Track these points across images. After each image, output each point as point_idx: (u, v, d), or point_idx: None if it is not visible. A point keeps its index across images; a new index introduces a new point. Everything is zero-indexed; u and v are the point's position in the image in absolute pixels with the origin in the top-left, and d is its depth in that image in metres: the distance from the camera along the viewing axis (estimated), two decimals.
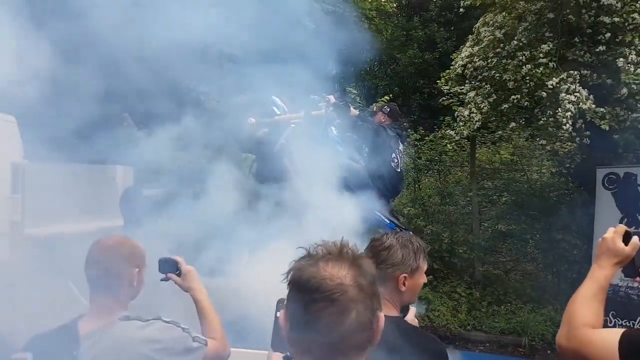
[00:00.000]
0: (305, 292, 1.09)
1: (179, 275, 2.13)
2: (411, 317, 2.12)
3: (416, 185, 9.72)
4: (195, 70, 5.02)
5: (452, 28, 14.16)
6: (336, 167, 5.31)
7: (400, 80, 14.52)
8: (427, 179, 10.24)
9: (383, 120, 5.67)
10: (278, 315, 2.11)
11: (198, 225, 4.61)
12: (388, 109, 5.76)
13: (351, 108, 5.88)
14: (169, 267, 2.13)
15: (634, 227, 6.70)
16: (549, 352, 7.34)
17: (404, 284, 2.07)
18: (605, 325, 1.69)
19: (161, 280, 2.12)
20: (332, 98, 5.34)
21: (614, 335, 1.52)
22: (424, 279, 2.16)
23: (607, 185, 6.97)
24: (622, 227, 1.70)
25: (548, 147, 7.24)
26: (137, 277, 1.90)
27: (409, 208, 8.98)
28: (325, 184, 5.14)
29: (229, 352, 2.06)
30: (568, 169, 7.94)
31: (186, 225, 4.62)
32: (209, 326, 2.04)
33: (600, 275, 1.66)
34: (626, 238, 1.67)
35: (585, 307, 1.62)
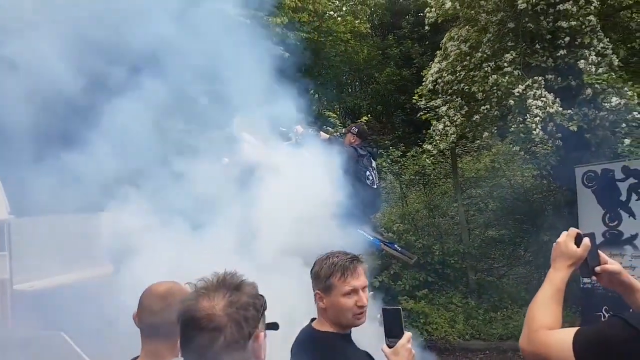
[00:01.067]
0: (184, 322, 1.33)
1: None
2: (404, 342, 1.97)
3: (403, 201, 9.82)
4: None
5: (427, 42, 14.47)
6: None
7: (381, 98, 14.78)
8: (413, 194, 10.35)
9: (353, 140, 5.83)
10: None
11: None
12: (356, 130, 5.93)
13: (321, 133, 6.05)
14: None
15: (616, 222, 6.83)
16: None
17: (321, 300, 2.08)
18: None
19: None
20: (299, 128, 5.51)
21: (568, 334, 1.58)
22: (350, 300, 2.05)
23: (586, 183, 7.08)
24: (574, 230, 1.80)
25: (522, 153, 7.38)
26: None
27: (397, 224, 9.06)
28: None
29: None
30: (548, 171, 8.07)
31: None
32: None
33: (556, 277, 1.76)
34: (578, 240, 1.78)
35: (543, 309, 1.71)
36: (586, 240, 1.77)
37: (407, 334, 1.98)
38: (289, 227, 4.89)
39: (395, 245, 5.90)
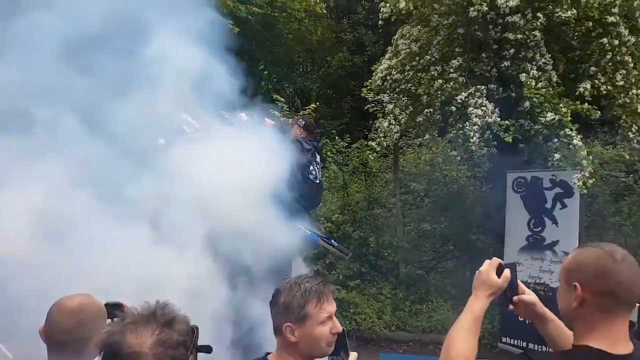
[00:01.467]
0: (107, 356, 1.24)
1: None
2: None
3: (345, 192, 9.93)
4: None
5: (380, 31, 14.52)
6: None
7: (332, 83, 14.74)
8: (355, 185, 10.48)
9: (299, 133, 5.74)
10: None
11: None
12: (303, 122, 5.83)
13: (266, 119, 5.92)
14: (115, 312, 1.96)
15: (540, 228, 7.16)
16: None
17: (292, 334, 1.88)
18: None
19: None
20: (243, 115, 5.35)
21: None
22: (325, 328, 1.91)
23: (516, 188, 7.43)
24: (496, 261, 1.87)
25: (458, 158, 7.62)
26: None
27: (337, 215, 9.16)
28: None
29: None
30: (481, 173, 8.40)
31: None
32: None
33: (476, 306, 1.80)
34: (499, 270, 1.84)
35: (461, 337, 1.74)
36: (506, 272, 1.84)
37: (353, 355, 1.93)
38: (221, 214, 4.77)
39: (332, 241, 5.95)
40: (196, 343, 1.38)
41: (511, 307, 1.90)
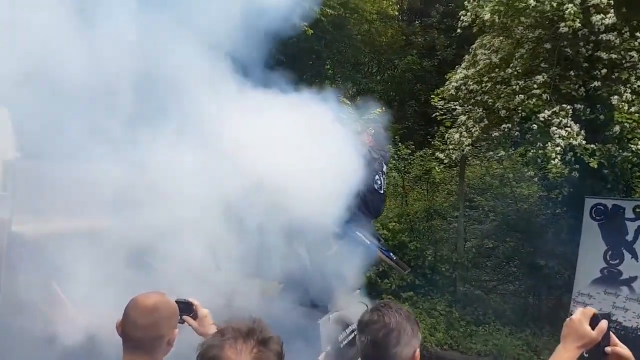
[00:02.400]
0: None
1: (194, 318, 2.09)
2: None
3: (403, 200, 9.67)
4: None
5: (453, 35, 14.06)
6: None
7: (397, 86, 14.43)
8: (415, 194, 10.19)
9: (367, 141, 5.59)
10: None
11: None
12: (373, 131, 5.68)
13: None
14: (185, 309, 2.08)
15: (617, 261, 6.69)
16: None
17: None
18: None
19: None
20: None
21: None
22: None
23: (594, 215, 6.95)
24: (590, 310, 1.72)
25: (536, 178, 7.20)
26: (175, 337, 1.91)
27: (394, 223, 8.94)
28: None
29: None
30: (556, 195, 7.92)
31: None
32: None
33: (564, 357, 1.69)
34: (594, 321, 1.68)
35: None
36: (603, 324, 1.69)
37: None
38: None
39: (391, 254, 5.77)
40: None
41: None
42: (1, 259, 5.40)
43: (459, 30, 7.24)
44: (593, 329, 1.67)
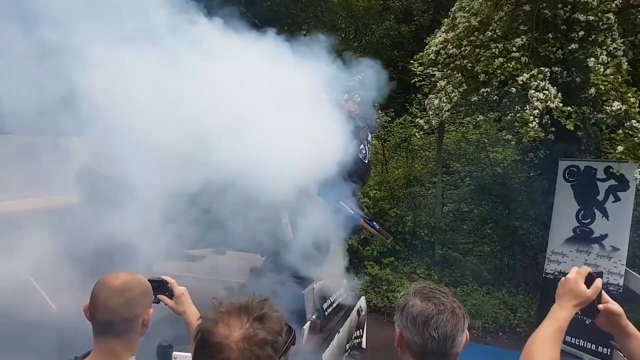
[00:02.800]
0: (197, 342, 1.24)
1: (170, 297, 2.00)
2: None
3: (384, 168, 9.71)
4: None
5: (430, 0, 13.91)
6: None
7: (375, 52, 14.26)
8: (394, 162, 10.24)
9: (353, 109, 5.51)
10: None
11: (161, 207, 4.43)
12: (359, 99, 5.59)
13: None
14: (159, 288, 1.97)
15: (589, 220, 6.88)
16: (500, 334, 7.67)
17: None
18: None
19: (151, 302, 1.91)
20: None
21: None
22: None
23: (567, 177, 7.11)
24: (586, 269, 1.73)
25: (513, 142, 7.29)
26: (150, 317, 1.78)
27: (375, 191, 8.99)
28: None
29: None
30: (530, 158, 8.06)
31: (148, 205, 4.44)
32: None
33: (560, 316, 1.69)
34: (589, 280, 1.70)
35: (542, 348, 1.64)
36: (598, 282, 1.70)
37: None
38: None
39: (374, 223, 5.79)
40: (289, 347, 1.30)
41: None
42: None
43: None
44: (588, 287, 1.68)
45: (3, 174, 5.13)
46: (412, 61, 8.40)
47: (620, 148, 5.72)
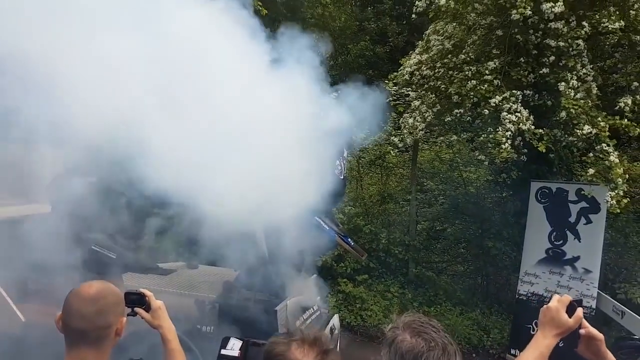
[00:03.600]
0: None
1: (147, 310, 1.99)
2: None
3: (359, 184, 9.73)
4: None
5: (404, 22, 14.17)
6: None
7: (350, 72, 14.42)
8: (369, 178, 10.28)
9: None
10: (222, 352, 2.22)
11: (133, 217, 4.34)
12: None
13: None
14: (137, 301, 1.97)
15: (561, 241, 6.94)
16: (474, 355, 7.65)
17: None
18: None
19: (127, 315, 1.91)
20: None
21: None
22: None
23: (539, 198, 7.21)
24: (567, 298, 1.73)
25: (486, 162, 7.39)
26: (123, 326, 1.78)
27: (349, 207, 8.98)
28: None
29: None
30: (503, 179, 8.19)
31: (119, 217, 4.35)
32: None
33: (542, 343, 1.70)
34: (570, 308, 1.70)
35: None
36: (579, 312, 1.71)
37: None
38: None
39: (349, 240, 5.76)
40: None
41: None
42: None
43: (414, 16, 7.27)
44: (570, 316, 1.68)
45: None
46: (386, 81, 8.51)
47: (591, 171, 5.85)
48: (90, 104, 3.43)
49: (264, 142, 4.08)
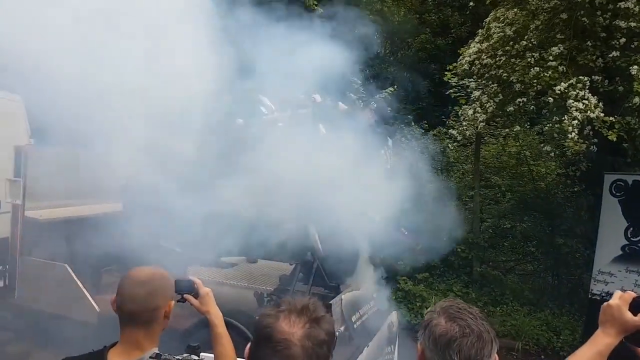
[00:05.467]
0: (261, 337, 1.30)
1: (195, 297, 2.08)
2: None
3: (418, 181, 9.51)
4: None
5: (467, 12, 13.70)
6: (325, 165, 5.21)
7: (410, 66, 14.17)
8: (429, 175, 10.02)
9: (371, 117, 5.52)
10: None
11: (201, 215, 4.55)
12: (375, 106, 5.63)
13: (340, 104, 5.72)
14: (186, 288, 2.07)
15: (638, 237, 6.48)
16: (542, 357, 7.27)
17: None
18: None
19: (177, 301, 2.02)
20: (317, 97, 5.20)
21: None
22: None
23: (614, 192, 6.74)
24: (630, 294, 1.58)
25: (552, 154, 6.98)
26: (171, 310, 1.87)
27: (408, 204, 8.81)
28: (314, 184, 5.05)
29: None
30: (574, 172, 7.70)
31: (188, 216, 4.57)
32: (223, 352, 2.04)
33: (602, 341, 1.56)
34: (634, 306, 1.55)
35: None
36: None
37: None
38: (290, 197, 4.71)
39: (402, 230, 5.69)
40: (334, 346, 1.38)
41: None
42: (16, 243, 5.50)
43: (471, 4, 7.01)
44: (634, 314, 1.53)
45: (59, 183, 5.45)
46: (446, 72, 8.28)
47: None
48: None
49: None
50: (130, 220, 4.60)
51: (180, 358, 1.82)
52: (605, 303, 1.60)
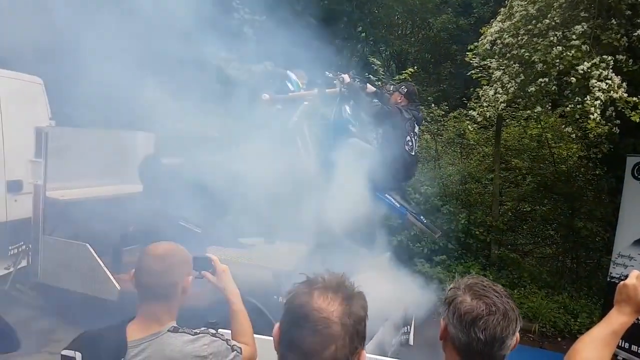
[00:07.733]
0: (295, 316, 1.22)
1: (212, 273, 2.14)
2: None
3: (436, 163, 9.46)
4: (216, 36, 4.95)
5: None
6: (348, 147, 5.23)
7: (432, 46, 13.97)
8: (448, 157, 9.94)
9: (399, 100, 5.44)
10: None
11: (218, 194, 4.65)
12: (405, 90, 5.51)
13: (367, 85, 5.67)
14: (204, 265, 2.13)
15: None
16: (559, 339, 7.25)
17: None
18: None
19: (195, 277, 2.05)
20: (346, 77, 5.18)
21: None
22: None
23: (636, 174, 6.61)
24: None
25: (573, 135, 6.85)
26: (189, 285, 1.92)
27: (426, 186, 8.77)
28: (336, 164, 5.08)
29: (257, 356, 2.10)
30: (596, 154, 7.56)
31: (205, 195, 4.67)
32: (240, 329, 2.09)
33: (616, 320, 1.59)
34: None
35: (591, 348, 1.55)
36: None
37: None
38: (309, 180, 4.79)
39: (421, 217, 5.66)
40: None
41: None
42: (39, 223, 5.66)
43: None
44: None
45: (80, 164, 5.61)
46: (468, 53, 8.14)
47: None
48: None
49: None
50: (149, 200, 4.71)
51: (198, 331, 1.86)
52: (621, 282, 1.64)
